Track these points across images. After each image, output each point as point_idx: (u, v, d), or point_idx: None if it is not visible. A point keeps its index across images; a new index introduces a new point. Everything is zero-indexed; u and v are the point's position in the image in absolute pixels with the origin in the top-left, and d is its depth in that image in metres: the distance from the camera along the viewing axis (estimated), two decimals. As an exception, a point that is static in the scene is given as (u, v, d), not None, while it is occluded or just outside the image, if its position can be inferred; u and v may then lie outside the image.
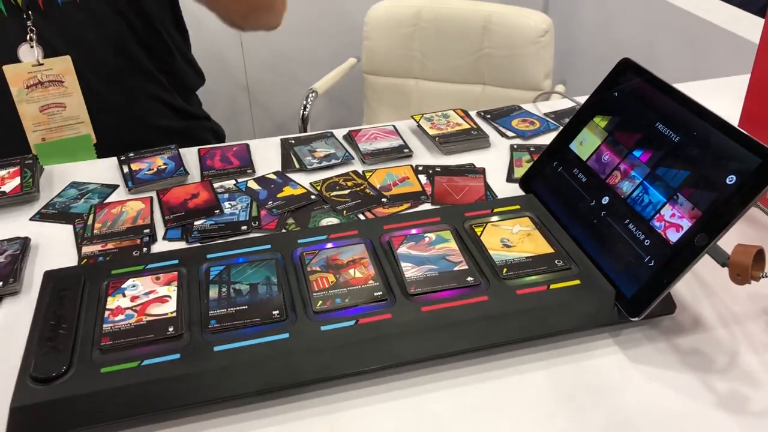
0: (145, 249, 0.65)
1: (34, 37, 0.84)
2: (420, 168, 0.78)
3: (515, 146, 0.83)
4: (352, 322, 0.51)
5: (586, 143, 0.64)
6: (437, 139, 0.82)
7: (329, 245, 0.59)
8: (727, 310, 0.57)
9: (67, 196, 0.75)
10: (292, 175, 0.78)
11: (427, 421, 0.48)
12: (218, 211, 0.71)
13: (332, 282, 0.55)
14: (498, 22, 1.57)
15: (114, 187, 0.76)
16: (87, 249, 0.66)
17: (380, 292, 0.54)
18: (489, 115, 0.90)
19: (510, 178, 0.77)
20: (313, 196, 0.73)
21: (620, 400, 0.49)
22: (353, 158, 0.81)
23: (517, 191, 0.70)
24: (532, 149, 0.82)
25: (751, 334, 0.54)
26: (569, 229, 0.60)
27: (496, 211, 0.64)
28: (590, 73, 1.90)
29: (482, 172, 0.77)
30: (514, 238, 0.59)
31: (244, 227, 0.68)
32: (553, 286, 0.54)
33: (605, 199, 0.59)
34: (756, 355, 0.53)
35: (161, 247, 0.66)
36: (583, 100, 0.68)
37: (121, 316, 0.52)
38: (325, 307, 0.52)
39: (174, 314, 0.52)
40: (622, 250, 0.55)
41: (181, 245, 0.66)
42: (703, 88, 0.96)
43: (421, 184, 0.75)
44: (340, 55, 1.87)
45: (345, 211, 0.70)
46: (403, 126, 0.88)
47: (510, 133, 0.86)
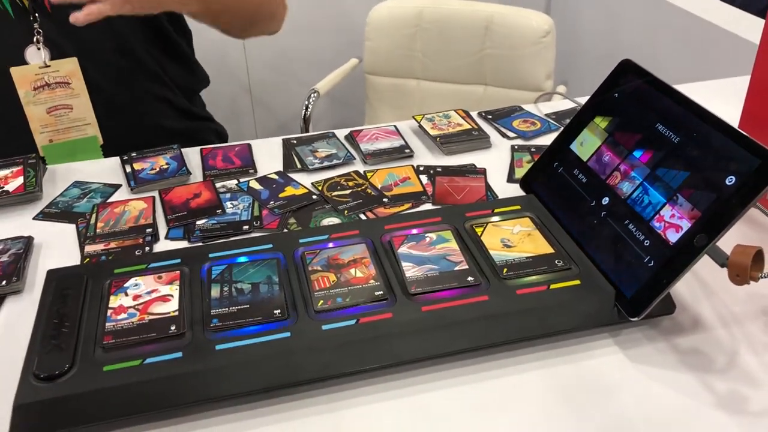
0: (148, 248, 0.66)
1: (41, 39, 0.85)
2: (421, 168, 0.79)
3: (516, 147, 0.83)
4: (353, 322, 0.51)
5: (587, 144, 0.64)
6: (438, 139, 0.83)
7: (330, 245, 0.59)
8: (727, 311, 0.57)
9: (70, 195, 0.75)
10: (294, 175, 0.78)
11: (427, 420, 0.48)
12: (220, 211, 0.71)
13: (333, 281, 0.55)
14: (500, 23, 1.57)
15: (116, 187, 0.76)
16: (89, 248, 0.66)
17: (381, 292, 0.54)
18: (490, 116, 0.91)
19: (511, 179, 0.77)
20: (314, 196, 0.73)
21: (620, 399, 0.49)
22: (355, 158, 0.81)
23: (517, 192, 0.70)
24: (533, 150, 0.82)
25: (751, 335, 0.55)
26: (569, 229, 0.60)
27: (496, 211, 0.64)
28: (592, 74, 1.89)
29: (483, 172, 0.78)
30: (514, 238, 0.60)
31: (246, 227, 0.68)
32: (553, 286, 0.54)
33: (605, 200, 0.59)
34: (755, 355, 0.53)
35: (163, 246, 0.67)
36: (584, 100, 0.68)
37: (123, 315, 0.52)
38: (326, 307, 0.52)
39: (176, 313, 0.52)
40: (622, 251, 0.55)
41: (183, 244, 0.66)
42: (704, 89, 0.97)
43: (422, 185, 0.75)
44: (342, 56, 1.88)
45: (346, 211, 0.71)
46: (404, 126, 0.88)
47: (511, 134, 0.86)
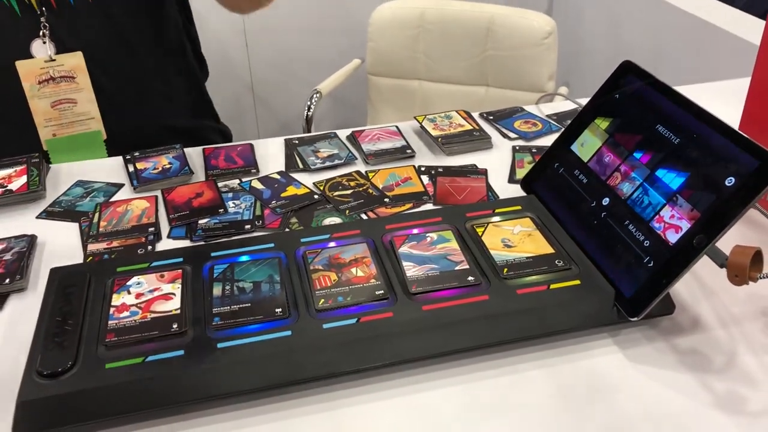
0: (150, 247, 0.66)
1: (47, 33, 0.85)
2: (422, 168, 0.79)
3: (517, 147, 0.83)
4: (354, 321, 0.51)
5: (588, 145, 0.64)
6: (440, 139, 0.83)
7: (332, 244, 0.60)
8: (726, 311, 0.57)
9: (73, 194, 0.76)
10: (296, 175, 0.78)
11: (427, 418, 0.49)
12: (222, 210, 0.71)
13: (334, 280, 0.55)
14: (502, 24, 1.58)
15: (119, 186, 0.77)
16: (92, 247, 0.66)
17: (382, 291, 0.54)
18: (491, 117, 0.91)
19: (512, 179, 0.77)
20: (316, 196, 0.74)
21: (619, 399, 0.50)
22: (356, 158, 0.82)
23: (518, 192, 0.70)
24: (534, 150, 0.82)
25: (750, 335, 0.55)
26: (570, 229, 0.61)
27: (497, 211, 0.64)
28: (594, 75, 1.90)
29: (484, 173, 0.78)
30: (515, 239, 0.60)
31: (248, 226, 0.69)
32: (553, 286, 0.54)
33: (606, 201, 0.59)
34: (754, 355, 0.53)
35: (166, 245, 0.67)
36: (585, 102, 0.68)
37: (126, 313, 0.52)
38: (327, 306, 0.53)
39: (178, 311, 0.52)
40: (622, 251, 0.55)
41: (185, 243, 0.67)
42: (705, 90, 0.97)
43: (424, 185, 0.76)
44: (345, 56, 1.88)
45: (348, 211, 0.71)
46: (406, 127, 0.89)
47: (512, 135, 0.86)
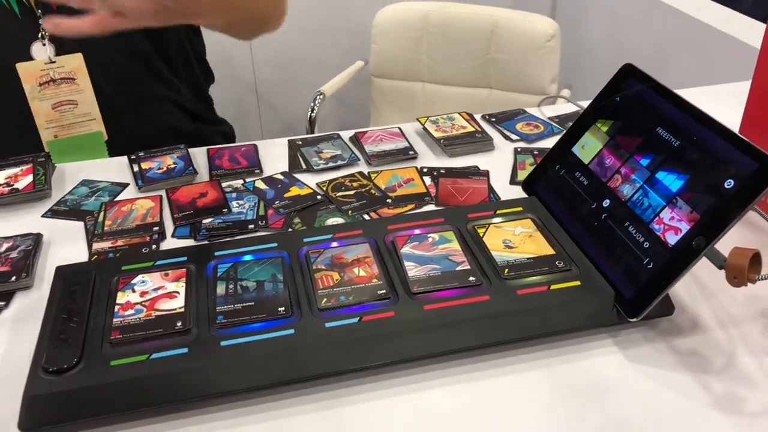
0: (154, 246, 0.67)
1: (47, 35, 0.86)
2: (425, 170, 0.79)
3: (519, 149, 0.84)
4: (356, 320, 0.52)
5: (588, 147, 0.65)
6: (442, 141, 0.83)
7: (334, 244, 0.60)
8: (725, 312, 0.58)
9: (79, 193, 0.76)
10: (299, 176, 0.79)
11: (428, 417, 0.49)
12: (226, 210, 0.72)
13: (337, 280, 0.56)
14: (505, 27, 1.58)
15: (124, 186, 0.77)
16: (97, 245, 0.67)
17: (384, 291, 0.55)
18: (494, 119, 0.91)
19: (513, 181, 0.77)
20: (319, 196, 0.74)
21: (618, 399, 0.50)
22: (359, 159, 0.82)
23: (520, 194, 0.71)
24: (536, 152, 0.83)
25: (748, 336, 0.55)
26: (570, 231, 0.61)
27: (498, 212, 0.64)
28: (596, 78, 1.90)
29: (486, 174, 0.78)
30: (516, 240, 0.60)
31: (251, 226, 0.69)
32: (553, 287, 0.55)
33: (606, 202, 0.60)
34: (753, 356, 0.53)
35: (170, 244, 0.67)
36: (587, 104, 0.68)
37: (130, 311, 0.53)
38: (329, 305, 0.53)
39: (182, 310, 0.53)
40: (622, 252, 0.56)
41: (189, 243, 0.67)
42: (706, 93, 0.97)
43: (426, 186, 0.76)
44: (348, 58, 1.89)
45: (350, 211, 0.72)
46: (408, 128, 0.89)
47: (514, 137, 0.87)
